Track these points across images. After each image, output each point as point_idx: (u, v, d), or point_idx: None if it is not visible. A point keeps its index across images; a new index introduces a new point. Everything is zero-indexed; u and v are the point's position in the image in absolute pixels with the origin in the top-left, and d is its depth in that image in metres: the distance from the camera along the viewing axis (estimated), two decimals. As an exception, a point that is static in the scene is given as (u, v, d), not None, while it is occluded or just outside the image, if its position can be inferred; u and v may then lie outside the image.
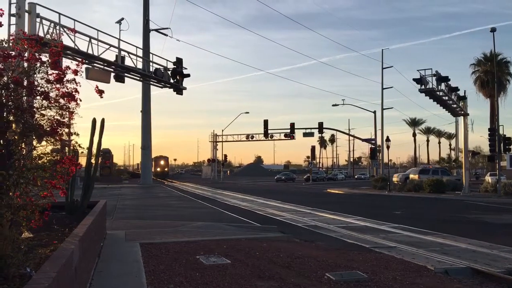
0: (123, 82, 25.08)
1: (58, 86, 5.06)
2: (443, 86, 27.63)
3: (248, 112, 68.92)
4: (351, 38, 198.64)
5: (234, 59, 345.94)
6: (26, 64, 5.10)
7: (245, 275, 6.68)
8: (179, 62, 28.82)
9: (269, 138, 54.89)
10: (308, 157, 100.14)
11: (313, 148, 66.22)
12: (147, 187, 41.23)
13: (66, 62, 6.49)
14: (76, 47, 20.36)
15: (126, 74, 25.59)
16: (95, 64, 22.77)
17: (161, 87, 30.49)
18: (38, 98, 4.92)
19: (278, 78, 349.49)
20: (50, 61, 5.15)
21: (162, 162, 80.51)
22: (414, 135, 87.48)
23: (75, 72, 5.24)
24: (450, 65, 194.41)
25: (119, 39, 24.01)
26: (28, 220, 4.56)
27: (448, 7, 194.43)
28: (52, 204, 5.25)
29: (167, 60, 28.95)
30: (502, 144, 28.75)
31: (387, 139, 37.37)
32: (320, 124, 49.74)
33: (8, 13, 15.64)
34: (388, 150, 38.15)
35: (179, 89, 29.46)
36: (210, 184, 49.71)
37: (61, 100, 5.09)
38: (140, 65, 26.23)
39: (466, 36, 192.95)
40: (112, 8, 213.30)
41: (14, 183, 4.54)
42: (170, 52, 48.70)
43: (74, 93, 5.15)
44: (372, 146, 47.99)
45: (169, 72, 28.36)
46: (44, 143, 5.06)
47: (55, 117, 5.05)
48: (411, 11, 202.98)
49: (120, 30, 30.45)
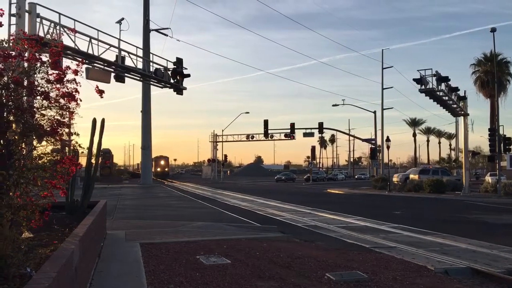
0: (123, 82, 25.09)
1: (58, 86, 5.06)
2: (443, 86, 27.63)
3: (248, 112, 69.03)
4: (351, 38, 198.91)
5: (234, 59, 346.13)
6: (26, 64, 5.09)
7: (245, 275, 6.68)
8: (179, 62, 28.84)
9: (269, 138, 54.94)
10: (308, 157, 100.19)
11: (313, 148, 66.25)
12: (147, 187, 41.23)
13: (66, 62, 6.49)
14: (76, 47, 20.38)
15: (126, 74, 25.61)
16: (95, 64, 22.78)
17: (161, 87, 30.51)
18: (38, 98, 4.92)
19: (278, 78, 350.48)
20: (50, 61, 5.15)
21: (162, 162, 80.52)
22: (414, 135, 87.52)
23: (75, 72, 5.24)
24: (450, 65, 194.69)
25: (119, 39, 24.03)
26: (28, 220, 4.56)
27: (448, 7, 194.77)
28: (52, 204, 5.25)
29: (167, 60, 29.01)
30: (502, 144, 28.75)
31: (387, 139, 37.38)
32: (320, 124, 49.79)
33: (8, 13, 15.65)
34: (388, 150, 38.20)
35: (179, 89, 29.48)
36: (210, 184, 49.72)
37: (61, 100, 5.09)
38: (140, 65, 26.26)
39: (466, 36, 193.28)
40: (112, 8, 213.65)
41: (14, 183, 4.54)
42: (170, 52, 48.83)
43: (74, 93, 5.15)
44: (372, 146, 48.00)
45: (169, 72, 28.38)
46: (44, 143, 5.06)
47: (55, 117, 5.05)
48: (411, 11, 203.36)
49: (120, 30, 30.53)
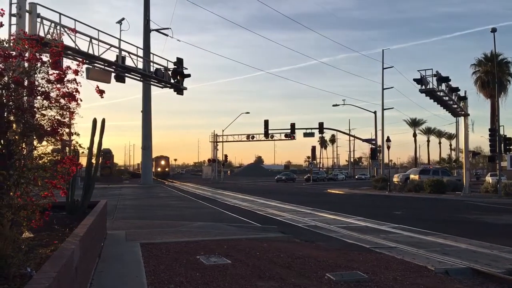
0: (123, 82, 25.11)
1: (58, 86, 5.05)
2: (443, 87, 27.62)
3: (248, 112, 69.15)
4: (351, 38, 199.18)
5: (235, 59, 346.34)
6: (26, 64, 5.09)
7: (245, 275, 6.68)
8: (179, 62, 28.86)
9: (269, 138, 54.97)
10: (308, 157, 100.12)
11: (313, 148, 66.18)
12: (148, 187, 41.22)
13: (66, 62, 6.48)
14: (76, 47, 20.41)
15: (126, 74, 25.64)
16: (95, 64, 22.80)
17: (161, 87, 30.55)
18: (39, 98, 4.92)
19: (278, 78, 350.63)
20: (50, 61, 5.14)
21: (162, 162, 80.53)
22: (415, 135, 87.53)
23: (76, 72, 5.23)
24: (451, 65, 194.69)
25: (120, 39, 24.07)
26: (28, 220, 4.56)
27: (449, 8, 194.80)
28: (53, 204, 5.25)
29: (167, 60, 29.06)
30: (502, 144, 28.73)
31: (388, 139, 37.38)
32: (321, 124, 49.80)
33: (8, 13, 15.68)
34: (388, 150, 38.21)
35: (179, 89, 29.50)
36: (211, 184, 49.71)
37: (61, 100, 5.08)
38: (140, 65, 26.29)
39: (467, 36, 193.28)
40: (112, 8, 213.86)
41: (14, 183, 4.54)
42: (171, 52, 48.88)
43: (74, 93, 5.14)
44: (373, 147, 48.00)
45: (169, 72, 28.41)
46: (44, 143, 5.06)
47: (56, 117, 5.05)
48: (411, 11, 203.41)
49: (120, 30, 30.47)
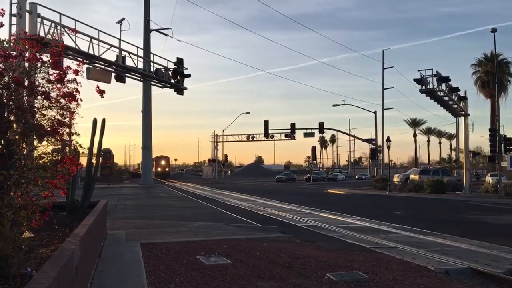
0: (124, 82, 25.11)
1: (59, 86, 5.06)
2: (443, 87, 27.62)
3: (248, 112, 69.13)
4: (352, 38, 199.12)
5: (235, 59, 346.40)
6: (27, 64, 5.10)
7: (245, 275, 6.68)
8: (179, 62, 28.86)
9: (269, 138, 54.98)
10: (308, 157, 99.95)
11: (313, 148, 66.16)
12: (148, 187, 41.24)
13: (67, 62, 6.49)
14: (77, 47, 20.41)
15: (127, 74, 25.64)
16: (96, 64, 22.80)
17: (161, 87, 30.55)
18: (39, 98, 4.92)
19: (278, 78, 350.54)
20: (51, 61, 5.15)
21: (163, 162, 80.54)
22: (415, 135, 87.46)
23: (76, 72, 5.24)
24: (451, 65, 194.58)
25: (120, 39, 24.07)
26: (29, 220, 4.55)
27: (449, 8, 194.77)
28: (53, 204, 5.25)
29: (168, 60, 29.06)
30: (502, 144, 28.73)
31: (388, 140, 37.38)
32: (321, 124, 49.81)
33: (9, 13, 15.69)
34: (388, 150, 38.19)
35: (179, 89, 29.50)
36: (211, 184, 49.72)
37: (62, 100, 5.09)
38: (141, 65, 26.29)
39: (467, 36, 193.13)
40: (113, 8, 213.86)
41: (15, 183, 4.54)
42: (171, 52, 48.99)
43: (75, 93, 5.15)
44: (373, 147, 48.02)
45: (169, 72, 28.41)
46: (45, 143, 5.06)
47: (56, 117, 5.05)
48: (412, 11, 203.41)
49: (121, 30, 30.48)
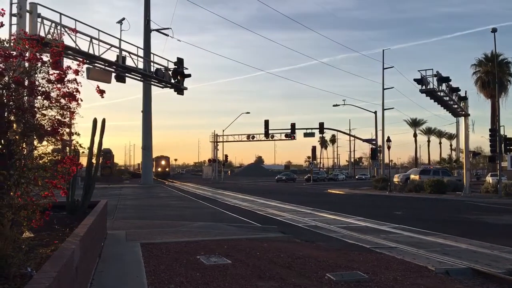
0: (124, 82, 25.11)
1: (59, 86, 5.05)
2: (444, 87, 27.61)
3: (249, 112, 69.09)
4: (352, 38, 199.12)
5: (235, 59, 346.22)
6: (27, 64, 5.09)
7: (245, 275, 6.68)
8: (180, 62, 28.86)
9: (269, 138, 54.98)
10: (308, 157, 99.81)
11: (313, 148, 66.14)
12: (148, 187, 41.25)
13: (67, 62, 6.50)
14: (77, 47, 20.40)
15: (127, 74, 25.64)
16: (96, 64, 22.80)
17: (162, 87, 30.54)
18: (39, 98, 4.92)
19: (278, 78, 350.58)
20: (51, 61, 5.14)
21: (163, 162, 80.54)
22: (415, 135, 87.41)
23: (76, 72, 5.24)
24: (451, 65, 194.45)
25: (120, 39, 24.08)
26: (29, 220, 4.55)
27: (449, 8, 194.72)
28: (53, 204, 5.25)
29: (168, 60, 29.05)
30: (503, 144, 28.72)
31: (388, 140, 37.36)
32: (321, 124, 49.80)
33: (9, 13, 15.69)
34: (389, 150, 38.17)
35: (180, 89, 29.50)
36: (211, 184, 49.72)
37: (62, 100, 5.09)
38: (141, 65, 26.29)
39: (467, 36, 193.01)
40: (113, 8, 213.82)
41: (15, 183, 4.54)
42: (171, 52, 49.13)
43: (75, 93, 5.15)
44: (373, 147, 48.01)
45: (170, 72, 28.40)
46: (45, 143, 5.06)
47: (56, 117, 5.05)
48: (412, 11, 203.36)
49: (121, 30, 30.58)
